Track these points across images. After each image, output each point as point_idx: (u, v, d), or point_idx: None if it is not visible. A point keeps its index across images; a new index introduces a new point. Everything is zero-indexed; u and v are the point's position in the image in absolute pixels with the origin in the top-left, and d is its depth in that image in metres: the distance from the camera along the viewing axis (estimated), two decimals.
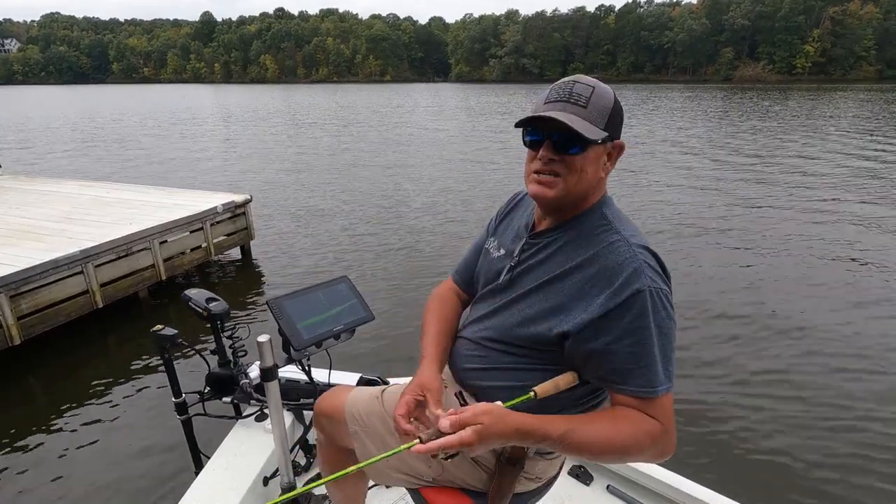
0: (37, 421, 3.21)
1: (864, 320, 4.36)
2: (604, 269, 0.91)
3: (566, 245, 0.98)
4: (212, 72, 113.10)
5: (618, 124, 0.95)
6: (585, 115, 0.91)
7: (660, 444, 0.88)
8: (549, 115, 0.90)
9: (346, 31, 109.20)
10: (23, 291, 3.67)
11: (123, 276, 4.42)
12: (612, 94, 0.95)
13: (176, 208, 5.18)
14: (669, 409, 0.90)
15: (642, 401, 0.88)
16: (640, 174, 10.48)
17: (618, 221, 0.97)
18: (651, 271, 0.89)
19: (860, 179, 9.78)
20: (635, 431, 0.87)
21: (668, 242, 6.38)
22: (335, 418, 1.27)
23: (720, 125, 19.49)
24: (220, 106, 33.97)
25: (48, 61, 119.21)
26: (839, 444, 2.92)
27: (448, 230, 7.04)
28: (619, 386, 0.90)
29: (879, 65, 69.03)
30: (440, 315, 1.19)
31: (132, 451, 2.94)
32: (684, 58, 78.76)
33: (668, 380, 0.89)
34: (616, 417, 0.89)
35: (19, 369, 3.70)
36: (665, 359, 0.88)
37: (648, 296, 0.87)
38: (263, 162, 12.48)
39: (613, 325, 0.88)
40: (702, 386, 3.50)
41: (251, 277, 5.66)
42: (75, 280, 4.02)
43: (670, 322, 0.89)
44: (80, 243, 4.14)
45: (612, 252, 0.92)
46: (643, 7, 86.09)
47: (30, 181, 6.83)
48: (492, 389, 1.04)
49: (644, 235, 0.97)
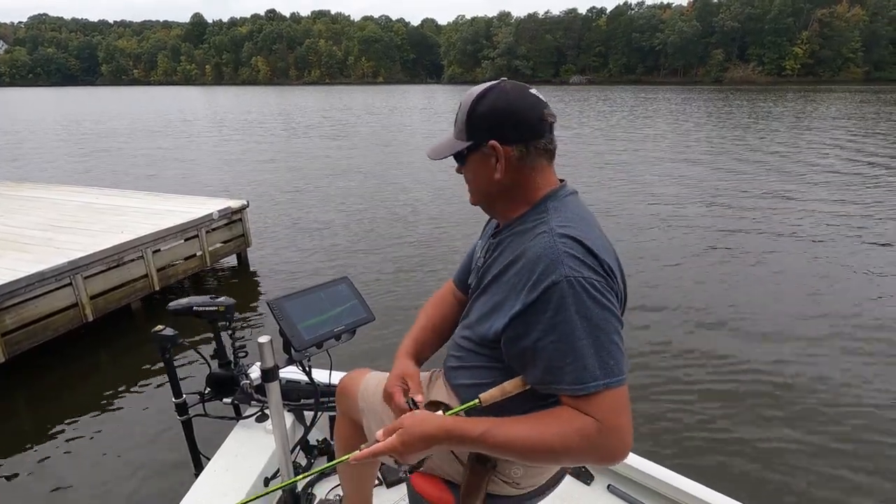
0: (26, 439, 3.03)
1: (873, 319, 4.29)
2: (527, 263, 0.89)
3: (510, 242, 0.98)
4: (203, 73, 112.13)
5: (481, 129, 0.95)
6: (454, 133, 1.01)
7: (597, 443, 0.81)
8: (428, 152, 1.06)
9: (338, 32, 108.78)
10: (7, 306, 3.45)
11: (115, 287, 4.20)
12: (474, 99, 0.96)
13: (169, 215, 4.97)
14: (613, 404, 0.82)
15: (577, 399, 0.83)
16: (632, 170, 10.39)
17: (554, 213, 0.94)
18: (572, 260, 0.84)
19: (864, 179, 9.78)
20: (563, 430, 0.82)
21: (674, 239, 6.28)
22: (351, 396, 1.33)
23: (723, 125, 19.52)
24: (211, 109, 33.57)
25: (36, 63, 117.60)
26: (841, 443, 2.88)
27: (448, 231, 6.90)
28: (556, 386, 0.85)
29: (867, 66, 69.94)
30: (429, 312, 1.24)
31: (130, 457, 2.86)
32: (675, 59, 79.30)
33: (605, 374, 0.81)
34: (543, 416, 0.86)
35: (4, 388, 3.48)
36: (600, 352, 0.82)
37: (567, 286, 0.82)
38: (257, 166, 12.24)
39: (535, 320, 0.85)
40: (703, 385, 3.46)
41: (249, 286, 5.46)
42: (63, 293, 3.80)
43: (602, 311, 0.83)
44: (69, 253, 3.92)
45: (535, 244, 0.89)
46: (634, 9, 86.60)
47: (16, 187, 6.57)
48: (463, 387, 1.07)
49: (587, 225, 0.92)
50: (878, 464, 2.73)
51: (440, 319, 1.23)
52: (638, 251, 6.07)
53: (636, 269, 5.47)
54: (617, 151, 13.63)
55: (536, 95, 0.96)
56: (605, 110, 27.83)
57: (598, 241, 0.91)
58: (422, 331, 1.20)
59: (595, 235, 0.91)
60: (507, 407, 0.93)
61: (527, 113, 0.94)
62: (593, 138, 16.36)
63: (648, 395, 3.34)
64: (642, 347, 3.93)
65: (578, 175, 10.45)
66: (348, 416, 1.37)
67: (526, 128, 0.94)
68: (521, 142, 0.95)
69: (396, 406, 1.05)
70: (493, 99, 0.94)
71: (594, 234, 0.91)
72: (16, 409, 3.39)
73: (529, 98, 0.95)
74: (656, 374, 3.59)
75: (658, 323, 4.37)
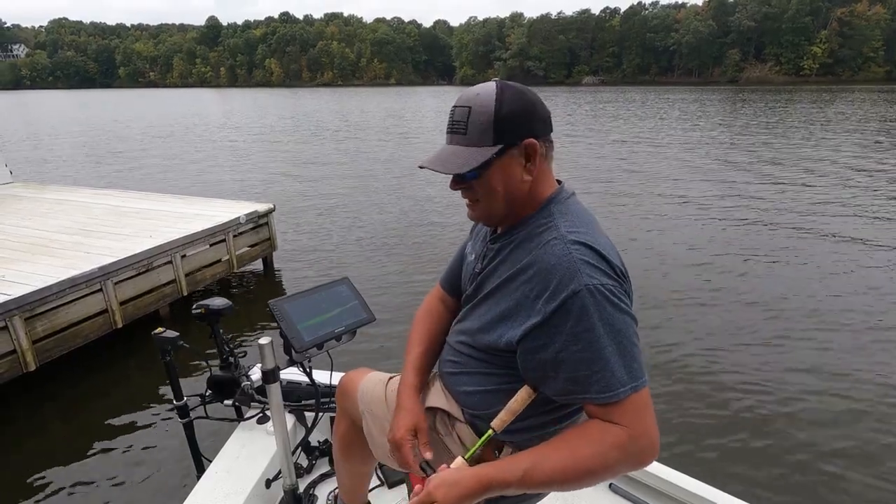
0: (54, 453, 2.97)
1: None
2: (540, 272, 0.86)
3: (515, 248, 0.95)
4: (217, 76, 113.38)
5: (512, 128, 0.89)
6: (467, 141, 0.90)
7: (631, 451, 0.81)
8: (421, 165, 0.93)
9: (350, 34, 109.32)
10: (38, 313, 3.38)
11: (144, 293, 4.13)
12: (495, 100, 0.88)
13: (197, 219, 4.90)
14: (640, 409, 0.82)
15: (606, 407, 0.82)
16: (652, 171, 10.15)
17: (561, 217, 0.92)
18: (588, 268, 0.83)
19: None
20: (597, 450, 0.81)
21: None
22: (351, 396, 1.31)
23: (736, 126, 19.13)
24: (227, 111, 33.84)
25: (56, 66, 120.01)
26: (844, 444, 2.84)
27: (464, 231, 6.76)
28: (581, 396, 0.84)
29: (888, 65, 68.54)
30: (422, 331, 1.19)
31: (140, 459, 2.87)
32: (690, 59, 78.43)
33: (632, 378, 0.82)
34: (573, 440, 0.84)
35: (33, 397, 3.41)
36: (624, 356, 0.82)
37: (588, 294, 0.81)
38: (279, 169, 12.20)
39: (557, 331, 0.83)
40: (704, 385, 3.42)
41: (274, 291, 5.37)
42: (94, 299, 3.73)
43: (622, 316, 0.83)
44: (99, 259, 3.85)
45: (547, 252, 0.87)
46: (648, 9, 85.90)
47: (42, 189, 6.57)
48: (465, 394, 1.05)
49: (593, 229, 0.91)
50: (882, 464, 2.69)
51: (436, 335, 1.19)
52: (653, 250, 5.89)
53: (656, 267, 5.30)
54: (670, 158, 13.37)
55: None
56: (642, 114, 27.46)
57: (607, 244, 0.89)
58: (421, 357, 1.16)
59: (603, 238, 0.90)
60: (525, 415, 0.94)
61: (544, 106, 0.94)
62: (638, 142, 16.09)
63: (650, 395, 3.24)
64: (644, 347, 3.87)
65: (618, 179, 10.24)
66: (348, 416, 1.35)
67: (548, 120, 0.94)
68: (546, 134, 0.94)
69: (404, 461, 1.04)
70: (512, 97, 0.90)
71: (602, 238, 0.90)
72: (45, 419, 3.32)
73: (534, 92, 0.94)
74: (657, 374, 3.54)
75: (660, 322, 4.33)
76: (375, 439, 1.23)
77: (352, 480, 1.51)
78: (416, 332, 1.21)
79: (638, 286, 4.05)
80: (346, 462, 1.45)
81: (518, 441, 0.99)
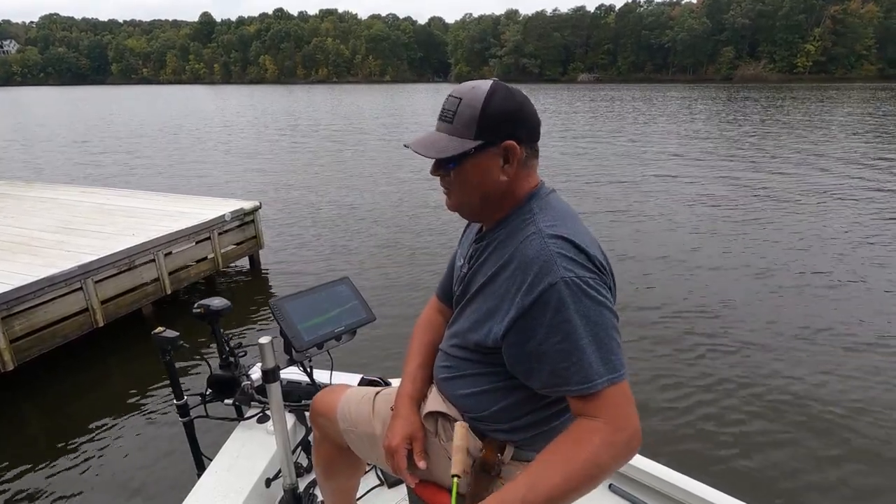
0: (34, 448, 2.98)
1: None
2: (519, 266, 0.88)
3: (498, 245, 0.96)
4: (211, 72, 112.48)
5: (495, 127, 0.91)
6: (451, 130, 0.93)
7: (618, 444, 0.81)
8: (406, 144, 0.97)
9: (345, 31, 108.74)
10: (16, 312, 3.35)
11: (126, 291, 4.09)
12: (485, 97, 0.90)
13: (181, 217, 4.87)
14: (619, 401, 0.82)
15: (584, 400, 0.83)
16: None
17: (540, 213, 0.93)
18: (565, 261, 0.84)
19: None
20: (589, 454, 0.81)
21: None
22: (328, 416, 1.28)
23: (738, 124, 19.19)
24: (220, 108, 33.60)
25: (47, 62, 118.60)
26: (845, 442, 2.84)
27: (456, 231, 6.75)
28: (564, 388, 0.85)
29: (881, 63, 68.90)
30: (422, 342, 1.20)
31: (135, 459, 2.86)
32: (685, 57, 78.46)
33: (609, 371, 0.82)
34: (564, 450, 0.83)
35: (12, 398, 3.38)
36: (601, 349, 0.82)
37: (564, 286, 0.82)
38: (267, 167, 12.16)
39: (537, 323, 0.84)
40: (704, 385, 3.42)
41: (261, 289, 5.35)
42: (74, 297, 3.70)
43: (600, 308, 0.83)
44: (80, 257, 3.82)
45: (526, 247, 0.88)
46: (643, 7, 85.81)
47: (27, 187, 6.50)
48: (462, 397, 1.04)
49: (572, 223, 0.92)
50: (882, 463, 2.69)
51: (434, 346, 1.19)
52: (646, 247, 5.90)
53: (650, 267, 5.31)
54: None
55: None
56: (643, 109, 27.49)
57: (586, 237, 0.90)
58: (419, 368, 1.17)
59: (582, 232, 0.91)
60: (505, 415, 0.97)
61: (534, 115, 0.95)
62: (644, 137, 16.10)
63: (650, 394, 3.29)
64: (643, 345, 3.90)
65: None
66: (327, 437, 1.32)
67: (535, 129, 0.96)
68: (530, 142, 0.95)
69: (397, 469, 1.06)
70: (502, 98, 0.91)
71: (581, 231, 0.91)
72: (24, 419, 3.30)
73: (529, 100, 0.96)
74: (657, 374, 3.53)
75: (659, 321, 4.32)
76: (366, 452, 1.25)
77: (340, 496, 1.47)
78: (414, 343, 1.22)
79: (638, 287, 4.07)
80: (330, 481, 1.43)
81: (519, 439, 1.00)
